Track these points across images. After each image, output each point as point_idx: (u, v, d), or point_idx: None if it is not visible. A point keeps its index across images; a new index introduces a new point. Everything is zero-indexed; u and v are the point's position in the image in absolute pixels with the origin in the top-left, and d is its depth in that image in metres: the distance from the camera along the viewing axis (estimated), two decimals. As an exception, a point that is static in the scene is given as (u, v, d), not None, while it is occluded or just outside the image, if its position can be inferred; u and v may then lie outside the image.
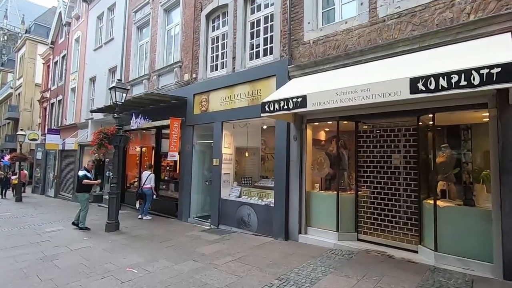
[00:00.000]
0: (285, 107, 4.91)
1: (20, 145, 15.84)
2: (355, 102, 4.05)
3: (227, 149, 7.58)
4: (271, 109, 5.09)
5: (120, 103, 7.43)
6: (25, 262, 4.94)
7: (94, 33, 14.62)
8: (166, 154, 10.05)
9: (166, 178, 9.99)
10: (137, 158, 11.46)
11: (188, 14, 9.01)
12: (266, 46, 7.05)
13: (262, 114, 5.25)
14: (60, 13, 18.80)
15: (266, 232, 6.26)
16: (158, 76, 9.96)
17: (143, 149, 11.08)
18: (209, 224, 7.49)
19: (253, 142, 8.18)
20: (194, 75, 8.58)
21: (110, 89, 7.47)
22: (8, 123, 30.10)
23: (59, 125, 17.25)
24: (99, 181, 7.29)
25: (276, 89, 6.07)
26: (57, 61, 19.46)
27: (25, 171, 18.43)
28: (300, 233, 5.84)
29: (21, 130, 17.07)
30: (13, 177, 18.38)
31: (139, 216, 8.75)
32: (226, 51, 7.84)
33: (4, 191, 17.16)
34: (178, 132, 8.30)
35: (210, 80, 8.03)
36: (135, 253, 5.31)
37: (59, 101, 18.23)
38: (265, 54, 7.03)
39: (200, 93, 8.17)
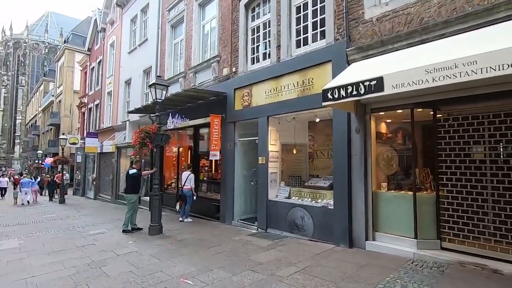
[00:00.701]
0: (354, 92, 4.19)
1: (62, 149, 16.39)
2: (456, 79, 3.24)
3: (273, 146, 6.97)
4: (336, 96, 4.39)
5: (160, 100, 7.10)
6: (73, 269, 4.65)
7: (128, 36, 14.74)
8: (204, 153, 9.73)
9: (204, 178, 9.60)
10: (174, 159, 11.23)
11: (225, 5, 8.55)
12: (315, 31, 6.37)
13: (324, 103, 4.57)
14: (95, 20, 19.38)
15: (324, 238, 5.56)
16: (195, 73, 9.61)
17: (180, 149, 10.80)
18: (256, 227, 6.92)
19: (299, 138, 7.51)
20: (233, 69, 8.08)
21: (150, 86, 7.17)
22: (51, 129, 31.89)
23: (97, 128, 17.70)
24: (155, 169, 7.00)
25: (333, 76, 5.36)
26: (93, 67, 20.09)
27: (66, 174, 19.11)
28: (367, 239, 5.07)
29: (63, 134, 17.72)
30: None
31: (180, 219, 8.41)
32: (269, 41, 7.25)
33: (51, 194, 17.76)
34: (218, 129, 7.84)
35: (252, 73, 7.48)
36: (185, 260, 4.85)
37: (96, 105, 18.75)
38: (314, 40, 6.34)
39: (242, 87, 7.64)
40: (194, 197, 8.44)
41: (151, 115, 11.49)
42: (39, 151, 32.48)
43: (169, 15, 11.29)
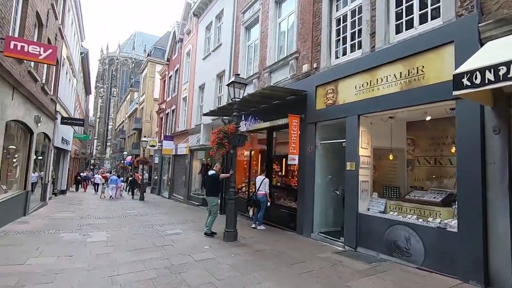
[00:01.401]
0: (510, 75, 3.02)
1: (143, 150, 17.86)
2: None
3: (364, 150, 5.95)
4: (477, 81, 3.26)
5: (238, 99, 6.78)
6: (154, 271, 4.45)
7: (203, 43, 15.34)
8: (278, 157, 9.16)
9: (277, 184, 8.99)
10: (245, 162, 10.96)
11: (306, -2, 7.92)
12: (423, 11, 5.22)
13: (457, 92, 3.46)
14: (174, 32, 20.97)
15: (442, 269, 4.31)
16: (270, 73, 9.17)
17: (252, 152, 10.46)
18: (342, 244, 5.96)
19: (396, 142, 6.32)
20: (314, 65, 7.34)
21: (228, 85, 6.92)
22: (134, 133, 35.84)
23: (173, 132, 18.87)
24: (232, 172, 6.75)
25: (457, 61, 4.19)
26: (171, 75, 21.70)
27: (145, 173, 20.78)
28: (514, 278, 3.69)
29: (144, 137, 19.36)
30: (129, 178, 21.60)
31: (253, 225, 7.93)
32: (359, 30, 6.33)
33: (133, 192, 19.40)
34: (297, 131, 7.16)
35: (338, 67, 6.62)
36: (269, 277, 4.22)
37: (173, 110, 20.09)
38: (423, 21, 5.19)
39: (325, 84, 6.84)
40: (268, 203, 7.90)
41: (224, 117, 11.52)
42: (124, 153, 36.70)
43: (244, 17, 11.21)
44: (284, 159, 8.93)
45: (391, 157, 6.22)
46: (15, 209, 8.70)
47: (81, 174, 26.34)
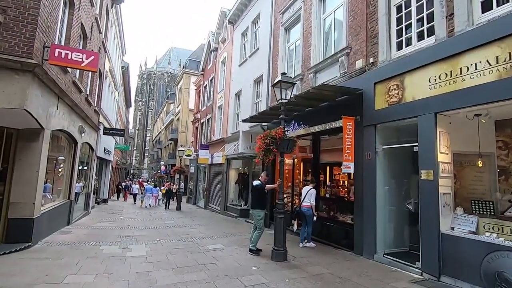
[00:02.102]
0: None
1: (180, 159, 17.82)
2: None
3: (444, 156, 4.89)
4: None
5: (285, 100, 6.09)
6: (200, 298, 3.80)
7: (239, 50, 15.04)
8: (325, 165, 8.27)
9: (327, 195, 8.07)
10: (287, 171, 10.17)
11: (356, -13, 7.12)
12: (523, -20, 4.17)
13: None
14: (208, 42, 21.13)
15: None
16: (315, 73, 8.41)
17: (295, 160, 9.67)
18: (419, 270, 4.88)
19: (482, 145, 5.16)
20: (371, 59, 6.45)
21: (273, 85, 6.28)
22: (170, 143, 36.79)
23: (208, 141, 18.70)
24: (279, 181, 6.06)
25: None
26: (206, 85, 21.80)
27: (180, 183, 20.61)
28: None
29: (181, 146, 19.41)
30: (162, 188, 21.84)
31: (301, 244, 7.02)
32: (429, 14, 5.37)
33: (168, 202, 18.80)
34: (352, 135, 6.26)
35: (402, 59, 5.68)
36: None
37: (208, 119, 20.01)
38: (523, -8, 4.14)
39: (386, 80, 5.91)
40: (314, 218, 6.99)
41: (263, 124, 10.92)
42: (161, 163, 37.73)
43: (283, 18, 10.64)
44: (333, 168, 8.04)
45: (479, 164, 5.05)
46: (60, 219, 8.72)
47: (122, 183, 27.21)
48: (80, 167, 11.47)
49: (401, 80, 5.58)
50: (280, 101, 6.10)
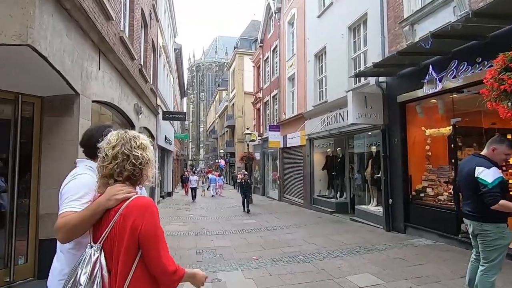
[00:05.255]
0: None
1: (248, 144, 15.25)
2: None
3: None
4: None
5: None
6: None
7: (315, -3, 11.54)
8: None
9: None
10: (428, 146, 6.64)
11: None
12: None
13: None
14: (267, 4, 17.88)
15: None
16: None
17: (456, 126, 6.00)
18: None
19: None
20: None
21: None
22: (226, 131, 35.06)
23: (278, 121, 15.77)
24: None
25: None
26: (267, 58, 18.74)
27: (252, 172, 18.33)
28: None
29: (247, 129, 16.82)
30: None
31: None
32: None
33: (247, 201, 14.24)
34: None
35: None
36: None
37: (273, 96, 17.04)
38: None
39: None
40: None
41: (379, 80, 7.45)
42: (221, 151, 36.50)
43: None
44: None
45: None
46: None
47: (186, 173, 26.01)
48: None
49: None
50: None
